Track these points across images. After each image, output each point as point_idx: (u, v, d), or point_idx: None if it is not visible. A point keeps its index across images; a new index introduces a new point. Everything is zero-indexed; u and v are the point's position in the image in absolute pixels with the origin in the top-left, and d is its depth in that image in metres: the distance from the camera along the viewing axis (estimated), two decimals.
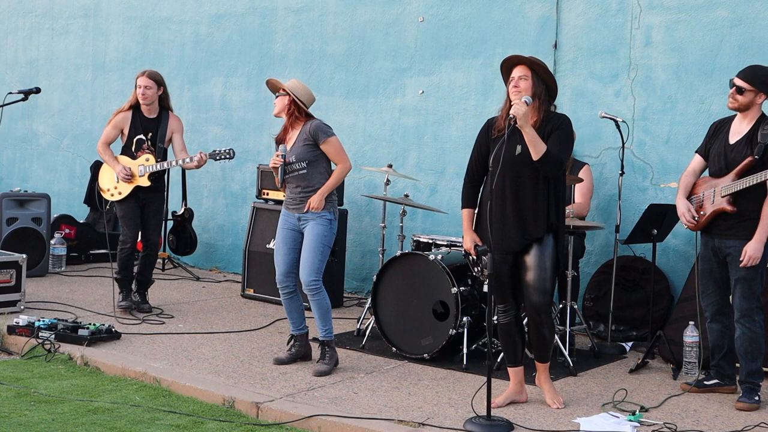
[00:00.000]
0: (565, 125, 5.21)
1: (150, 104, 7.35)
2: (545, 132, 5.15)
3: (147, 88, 7.30)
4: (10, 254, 7.49)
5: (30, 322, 6.48)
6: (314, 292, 5.92)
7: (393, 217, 7.95)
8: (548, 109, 5.25)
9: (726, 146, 5.51)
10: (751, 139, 5.40)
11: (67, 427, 4.90)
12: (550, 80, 5.26)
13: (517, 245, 5.20)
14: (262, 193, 8.34)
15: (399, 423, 4.99)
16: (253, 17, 9.43)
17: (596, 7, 7.44)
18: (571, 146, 5.35)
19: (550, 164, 5.06)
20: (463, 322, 6.16)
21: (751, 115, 5.45)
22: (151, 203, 7.41)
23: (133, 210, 7.36)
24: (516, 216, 5.17)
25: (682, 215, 5.61)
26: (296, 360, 6.13)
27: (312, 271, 5.91)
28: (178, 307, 7.74)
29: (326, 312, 5.98)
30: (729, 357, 5.66)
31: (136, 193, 7.32)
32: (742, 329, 5.44)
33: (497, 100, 7.82)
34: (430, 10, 8.29)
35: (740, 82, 5.42)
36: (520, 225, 5.17)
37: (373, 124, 8.55)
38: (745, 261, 5.33)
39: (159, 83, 7.37)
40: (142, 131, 7.35)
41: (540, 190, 5.16)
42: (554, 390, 5.42)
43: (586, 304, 7.21)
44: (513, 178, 5.17)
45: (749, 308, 5.41)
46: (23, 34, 11.41)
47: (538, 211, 5.15)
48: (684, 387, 5.78)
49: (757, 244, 5.32)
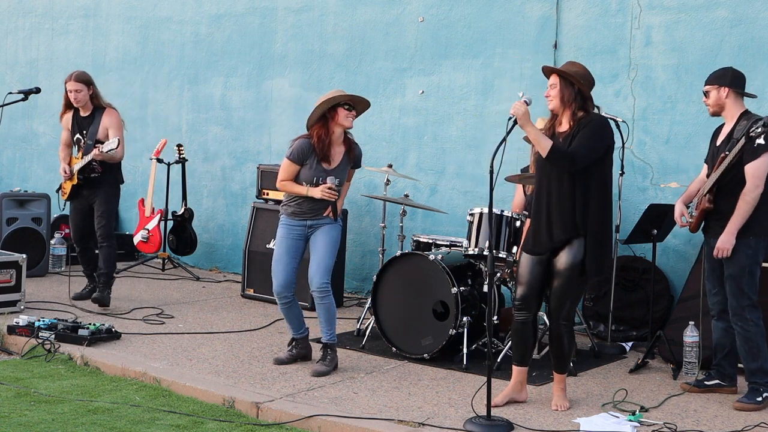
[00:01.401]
0: (591, 123, 5.18)
1: (83, 105, 7.48)
2: (574, 134, 5.17)
3: (77, 92, 7.42)
4: (10, 254, 7.49)
5: (30, 322, 6.48)
6: (323, 295, 5.90)
7: (393, 217, 7.94)
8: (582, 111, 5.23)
9: (714, 148, 5.62)
10: (730, 137, 5.49)
11: (67, 427, 4.90)
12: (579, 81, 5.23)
13: (544, 248, 5.24)
14: (262, 193, 8.34)
15: (399, 423, 4.99)
16: (253, 17, 9.43)
17: (596, 7, 7.44)
18: (593, 142, 5.12)
19: (558, 160, 5.09)
20: (463, 322, 6.16)
21: (731, 114, 5.54)
22: (96, 200, 7.49)
23: (75, 210, 7.59)
24: (547, 218, 5.22)
25: (676, 219, 5.71)
26: (296, 360, 6.12)
27: (325, 273, 5.89)
28: (178, 307, 7.74)
29: (332, 316, 5.97)
30: (731, 357, 5.67)
31: (80, 192, 7.50)
32: (736, 328, 5.46)
33: (497, 100, 7.85)
34: (430, 10, 8.29)
35: (705, 87, 5.59)
36: (548, 228, 5.21)
37: (373, 124, 8.55)
38: (715, 252, 5.38)
39: (87, 84, 7.44)
40: (78, 130, 7.53)
41: (566, 191, 5.15)
42: (564, 398, 5.37)
43: (586, 304, 7.21)
44: (547, 181, 5.23)
45: (739, 306, 5.42)
46: (23, 34, 11.40)
47: (564, 212, 5.16)
48: (684, 387, 5.78)
49: (727, 236, 5.35)
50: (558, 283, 5.22)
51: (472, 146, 8.05)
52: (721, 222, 5.44)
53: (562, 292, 5.22)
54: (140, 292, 8.34)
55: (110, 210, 7.58)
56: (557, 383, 5.38)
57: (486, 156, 5.67)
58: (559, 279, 5.21)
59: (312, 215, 5.98)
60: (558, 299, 5.24)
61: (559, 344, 5.31)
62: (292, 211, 6.02)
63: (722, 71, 5.58)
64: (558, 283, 5.22)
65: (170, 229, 9.33)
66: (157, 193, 9.33)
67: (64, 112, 7.64)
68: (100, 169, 7.46)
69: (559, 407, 5.31)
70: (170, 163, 9.34)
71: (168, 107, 10.11)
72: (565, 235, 5.16)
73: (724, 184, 5.43)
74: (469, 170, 8.05)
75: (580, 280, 5.24)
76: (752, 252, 5.38)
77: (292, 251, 6.01)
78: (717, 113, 5.60)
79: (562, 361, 5.36)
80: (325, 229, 5.98)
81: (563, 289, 5.21)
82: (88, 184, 7.49)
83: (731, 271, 5.41)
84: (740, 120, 5.47)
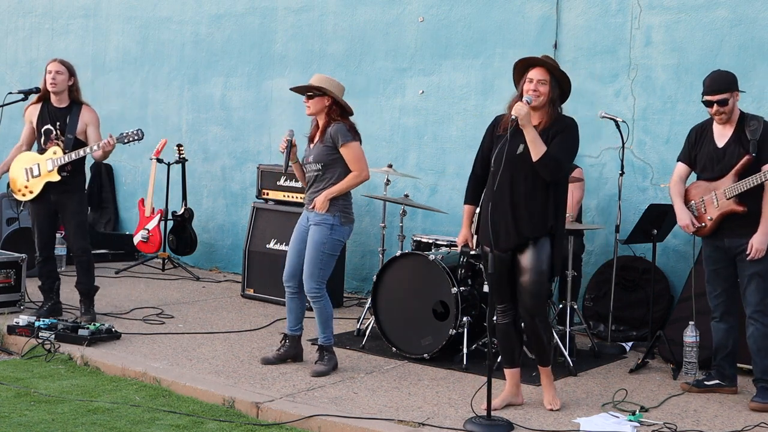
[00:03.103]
0: (569, 129, 5.16)
1: (60, 93, 6.88)
2: (550, 134, 5.11)
3: (58, 73, 6.84)
4: (10, 254, 7.49)
5: (30, 322, 6.49)
6: (315, 300, 5.89)
7: (393, 217, 7.94)
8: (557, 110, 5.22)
9: (716, 151, 5.53)
10: (740, 139, 5.44)
11: (67, 427, 4.90)
12: (566, 83, 5.23)
13: (511, 243, 5.16)
14: (262, 193, 8.34)
15: (399, 423, 4.99)
16: (253, 17, 9.43)
17: (596, 7, 7.44)
18: (573, 151, 5.23)
19: (548, 166, 5.03)
20: (463, 322, 6.16)
21: (734, 117, 5.50)
22: (65, 207, 6.89)
23: (44, 213, 6.92)
24: (513, 214, 5.14)
25: (686, 227, 5.61)
26: (284, 360, 6.08)
27: (311, 279, 5.86)
28: (178, 307, 7.74)
29: (327, 319, 5.96)
30: (731, 357, 5.66)
31: (47, 193, 6.85)
32: (756, 325, 5.43)
33: (497, 100, 7.83)
34: (430, 10, 8.29)
35: (717, 96, 5.44)
36: (515, 224, 5.14)
37: (373, 124, 8.54)
38: (752, 254, 5.36)
39: (70, 71, 6.93)
40: (50, 121, 6.88)
41: (539, 190, 5.12)
42: (554, 393, 5.38)
43: (586, 304, 7.21)
44: (513, 177, 5.14)
45: (763, 303, 5.41)
46: (23, 34, 11.40)
47: (534, 211, 5.12)
48: (684, 387, 5.78)
49: (763, 236, 5.35)
50: (527, 278, 5.14)
51: (472, 146, 8.00)
52: (738, 222, 5.42)
53: (536, 288, 5.14)
54: (140, 292, 8.34)
55: (85, 222, 7.03)
56: (544, 377, 5.37)
57: None
58: (528, 275, 5.13)
59: (307, 207, 5.99)
60: (531, 296, 5.15)
61: (537, 339, 5.27)
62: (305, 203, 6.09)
63: (726, 75, 5.49)
64: (527, 278, 5.14)
65: (170, 229, 9.33)
66: (157, 193, 9.33)
67: (33, 103, 6.98)
68: (70, 168, 6.83)
69: (552, 405, 5.29)
70: (170, 163, 9.34)
71: (168, 107, 10.11)
72: (535, 233, 5.12)
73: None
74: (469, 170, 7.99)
75: (551, 276, 5.24)
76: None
77: (298, 242, 5.99)
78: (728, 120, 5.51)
79: (544, 355, 5.33)
80: (312, 230, 5.89)
81: (536, 285, 5.13)
82: (54, 187, 6.82)
83: (758, 270, 5.40)
84: (745, 121, 5.43)
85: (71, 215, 6.90)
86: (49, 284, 7.12)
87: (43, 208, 6.93)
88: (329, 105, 5.93)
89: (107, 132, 6.95)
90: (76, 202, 6.92)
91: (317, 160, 5.91)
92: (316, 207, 5.86)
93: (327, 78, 6.02)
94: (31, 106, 7.02)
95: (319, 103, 5.92)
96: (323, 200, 5.84)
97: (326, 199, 5.83)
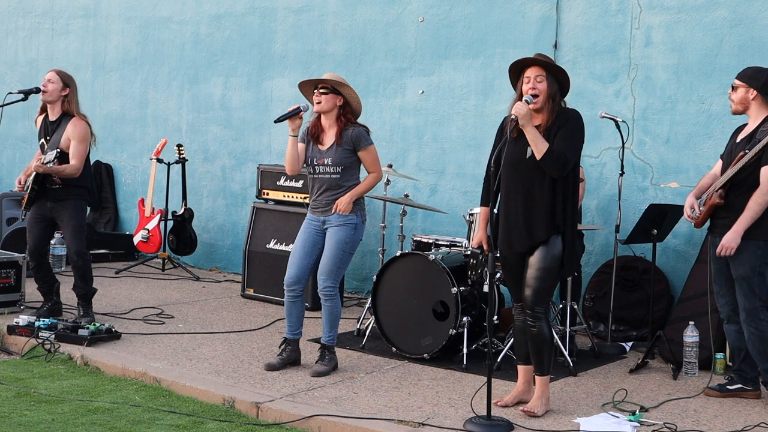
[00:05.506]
0: (572, 121, 5.13)
1: (52, 102, 6.86)
2: (553, 130, 5.10)
3: (50, 81, 6.83)
4: (10, 254, 7.50)
5: (30, 322, 6.49)
6: (328, 298, 5.90)
7: (393, 217, 7.95)
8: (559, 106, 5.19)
9: (734, 145, 5.57)
10: (752, 137, 5.44)
11: (67, 427, 4.90)
12: (564, 79, 5.20)
13: (521, 247, 5.17)
14: (262, 193, 8.34)
15: (399, 423, 4.99)
16: (253, 17, 9.43)
17: (596, 7, 7.44)
18: (578, 143, 5.17)
19: (552, 163, 5.01)
20: (463, 322, 6.16)
21: (756, 115, 5.48)
22: (60, 214, 6.87)
23: (35, 219, 6.93)
24: (523, 218, 5.14)
25: (685, 210, 5.67)
26: (287, 365, 6.02)
27: (329, 276, 5.87)
28: (178, 307, 7.74)
29: (335, 319, 5.96)
30: (750, 359, 5.57)
31: (42, 201, 6.87)
32: (750, 330, 5.41)
33: (497, 100, 7.84)
34: (430, 10, 8.29)
35: (735, 82, 5.50)
36: (525, 227, 5.13)
37: (373, 124, 8.51)
38: (718, 250, 5.35)
39: (65, 82, 6.87)
40: (44, 135, 6.94)
41: (546, 191, 5.10)
42: (542, 401, 5.20)
43: (586, 304, 7.21)
44: (524, 180, 5.13)
45: (753, 308, 5.39)
46: (23, 34, 11.41)
47: (542, 213, 5.10)
48: (709, 393, 5.65)
49: (733, 234, 5.31)
50: (530, 274, 5.12)
51: (472, 146, 8.05)
52: (728, 219, 5.41)
53: (536, 283, 5.10)
54: (140, 292, 8.35)
55: (81, 227, 6.93)
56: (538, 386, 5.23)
57: (486, 156, 5.67)
58: (532, 270, 5.11)
59: (322, 211, 5.95)
60: (530, 289, 5.12)
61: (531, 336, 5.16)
62: (310, 207, 6.04)
63: (757, 71, 5.47)
64: (530, 274, 5.12)
65: (170, 229, 9.33)
66: (157, 193, 9.34)
67: (40, 114, 7.05)
68: (59, 181, 6.79)
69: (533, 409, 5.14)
70: (170, 163, 9.35)
71: (168, 107, 10.11)
72: (543, 236, 5.10)
73: (737, 182, 5.40)
74: (469, 170, 8.05)
75: (557, 276, 5.20)
76: (761, 252, 5.35)
77: (308, 246, 5.97)
78: (739, 111, 5.53)
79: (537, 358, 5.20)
80: (334, 230, 5.91)
81: (536, 280, 5.10)
82: (50, 195, 6.83)
83: (741, 273, 5.39)
84: (765, 122, 5.43)
85: (67, 221, 6.88)
86: (46, 288, 7.12)
87: (39, 214, 6.94)
88: (341, 105, 5.93)
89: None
90: (71, 209, 6.87)
91: (337, 163, 5.89)
92: (341, 209, 5.86)
93: (342, 79, 5.99)
94: (38, 118, 7.10)
95: (332, 100, 5.91)
96: (348, 202, 5.87)
97: (351, 201, 5.88)
